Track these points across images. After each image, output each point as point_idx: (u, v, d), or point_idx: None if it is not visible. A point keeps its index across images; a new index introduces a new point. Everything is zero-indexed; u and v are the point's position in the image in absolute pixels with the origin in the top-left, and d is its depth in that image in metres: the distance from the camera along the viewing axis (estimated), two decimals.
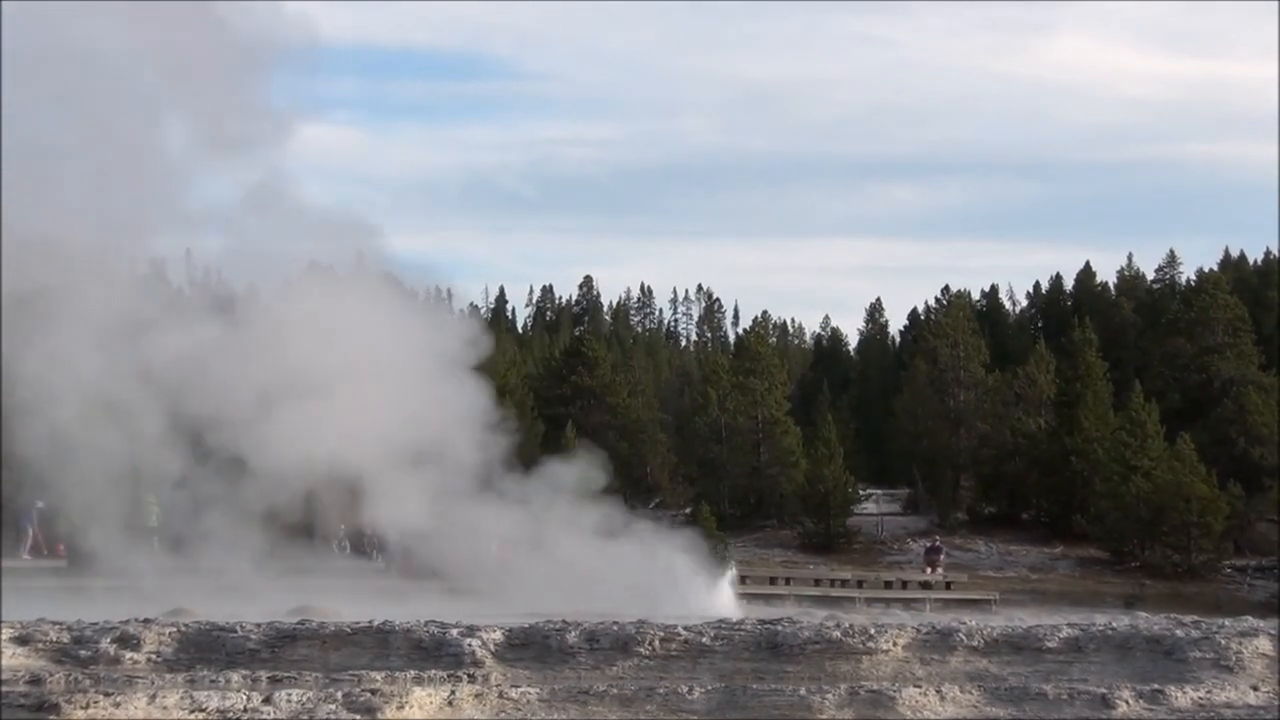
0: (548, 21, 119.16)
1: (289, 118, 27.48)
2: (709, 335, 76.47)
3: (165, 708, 13.89)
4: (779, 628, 15.74)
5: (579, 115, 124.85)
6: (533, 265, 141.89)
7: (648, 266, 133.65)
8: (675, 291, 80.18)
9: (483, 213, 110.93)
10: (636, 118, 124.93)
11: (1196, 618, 17.73)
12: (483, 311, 62.96)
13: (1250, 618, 17.61)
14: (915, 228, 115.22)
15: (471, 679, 14.79)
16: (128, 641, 15.45)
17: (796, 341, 73.22)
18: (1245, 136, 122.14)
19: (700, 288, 79.08)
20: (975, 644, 15.63)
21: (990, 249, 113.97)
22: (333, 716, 13.87)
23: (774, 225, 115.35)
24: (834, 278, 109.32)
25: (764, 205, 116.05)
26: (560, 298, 68.61)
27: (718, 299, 78.28)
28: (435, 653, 15.25)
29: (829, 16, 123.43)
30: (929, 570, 34.54)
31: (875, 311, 66.13)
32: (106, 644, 15.40)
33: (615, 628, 15.61)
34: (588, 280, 69.75)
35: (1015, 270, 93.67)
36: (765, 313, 73.64)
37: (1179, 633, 15.99)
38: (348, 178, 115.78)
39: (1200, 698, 14.81)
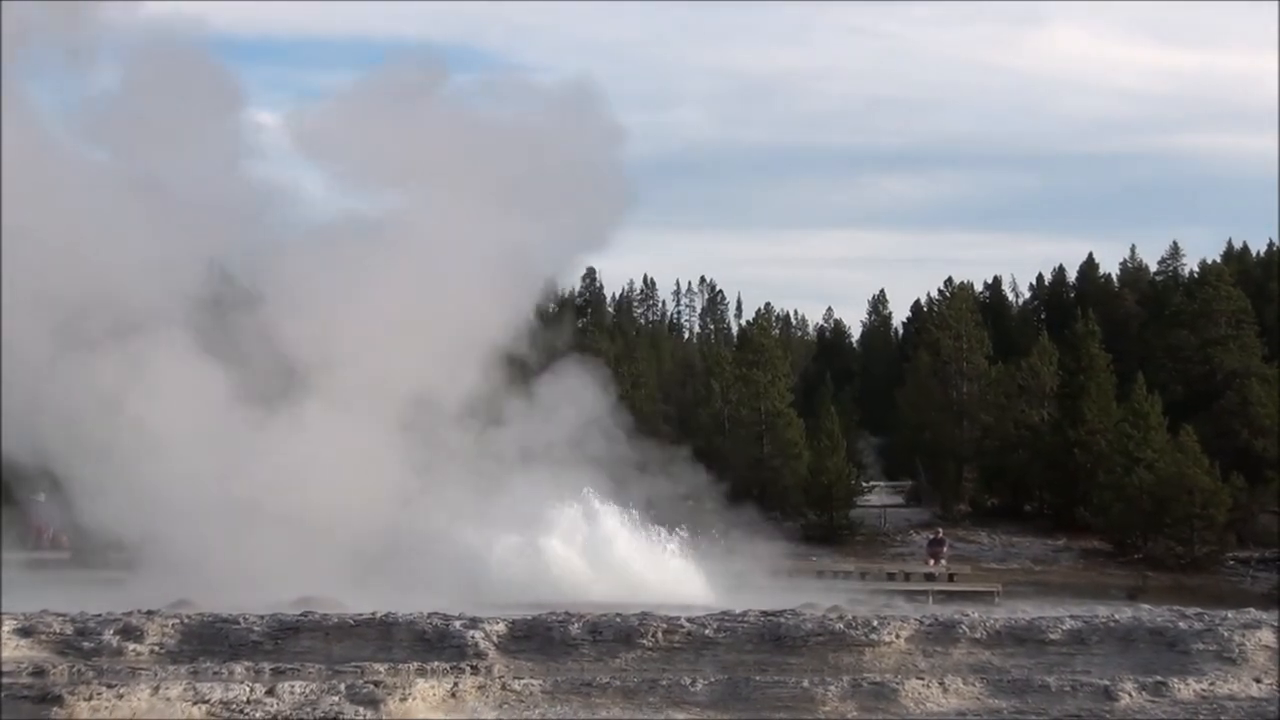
0: (540, 14, 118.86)
1: None
2: (712, 327, 76.15)
3: (168, 699, 13.90)
4: (782, 619, 15.75)
5: None
6: None
7: (649, 258, 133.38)
8: (678, 283, 79.90)
9: None
10: (632, 110, 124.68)
11: (1199, 609, 17.73)
12: None
13: (1253, 610, 17.56)
14: (917, 220, 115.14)
15: (475, 671, 14.80)
16: (131, 633, 15.49)
17: (799, 333, 73.01)
18: (1244, 128, 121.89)
19: (703, 279, 78.85)
20: (978, 636, 15.64)
21: (993, 241, 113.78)
22: (336, 708, 13.86)
23: (774, 217, 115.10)
24: (836, 269, 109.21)
25: (762, 197, 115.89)
26: (562, 289, 68.48)
27: (720, 291, 78.07)
28: (438, 645, 15.27)
29: (823, 8, 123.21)
30: (932, 562, 34.48)
31: (878, 303, 66.06)
32: (110, 635, 15.44)
33: (618, 619, 15.63)
34: (590, 272, 69.41)
35: (1018, 262, 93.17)
36: (768, 304, 73.43)
37: (1182, 624, 16.00)
38: None
39: (1203, 690, 14.81)
